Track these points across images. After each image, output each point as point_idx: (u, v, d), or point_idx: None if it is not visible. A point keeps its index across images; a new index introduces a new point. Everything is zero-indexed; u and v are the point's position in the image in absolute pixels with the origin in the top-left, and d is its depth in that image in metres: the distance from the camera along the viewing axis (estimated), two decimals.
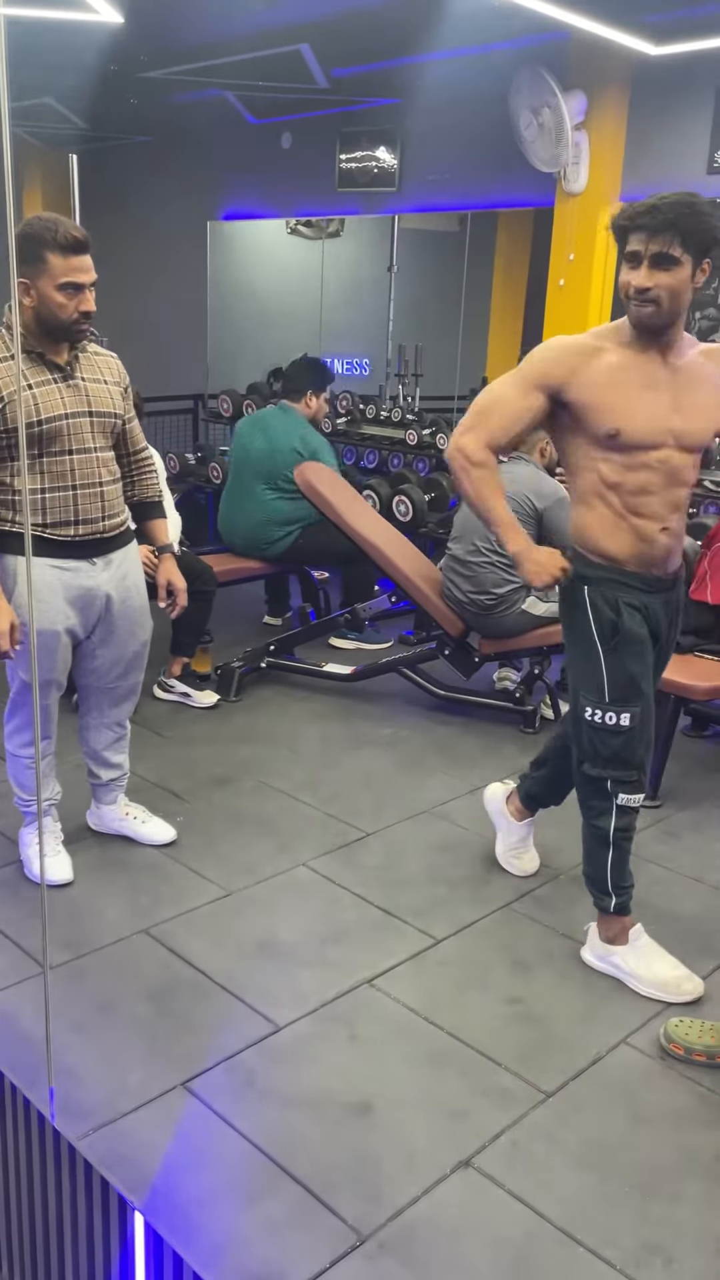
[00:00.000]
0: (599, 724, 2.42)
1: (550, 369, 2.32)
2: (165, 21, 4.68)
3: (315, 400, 4.80)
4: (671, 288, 2.19)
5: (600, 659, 2.40)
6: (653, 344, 2.30)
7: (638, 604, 2.40)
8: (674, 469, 2.34)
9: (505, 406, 2.36)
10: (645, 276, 2.19)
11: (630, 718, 2.40)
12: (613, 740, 2.42)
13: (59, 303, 2.48)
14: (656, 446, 2.31)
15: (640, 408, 2.29)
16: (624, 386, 2.29)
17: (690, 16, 4.36)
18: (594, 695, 2.42)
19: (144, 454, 2.88)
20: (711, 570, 3.73)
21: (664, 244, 2.16)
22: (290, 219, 7.32)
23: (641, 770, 2.46)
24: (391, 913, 2.79)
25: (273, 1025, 2.34)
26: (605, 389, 2.29)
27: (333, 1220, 1.85)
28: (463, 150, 5.88)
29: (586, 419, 2.31)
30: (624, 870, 2.51)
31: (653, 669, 2.49)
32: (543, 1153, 2.02)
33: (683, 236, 2.16)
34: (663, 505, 2.35)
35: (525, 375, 2.35)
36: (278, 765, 3.65)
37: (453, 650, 4.12)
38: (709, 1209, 1.91)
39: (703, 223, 2.17)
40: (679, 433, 2.31)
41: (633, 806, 2.47)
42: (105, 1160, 1.92)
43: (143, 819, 3.09)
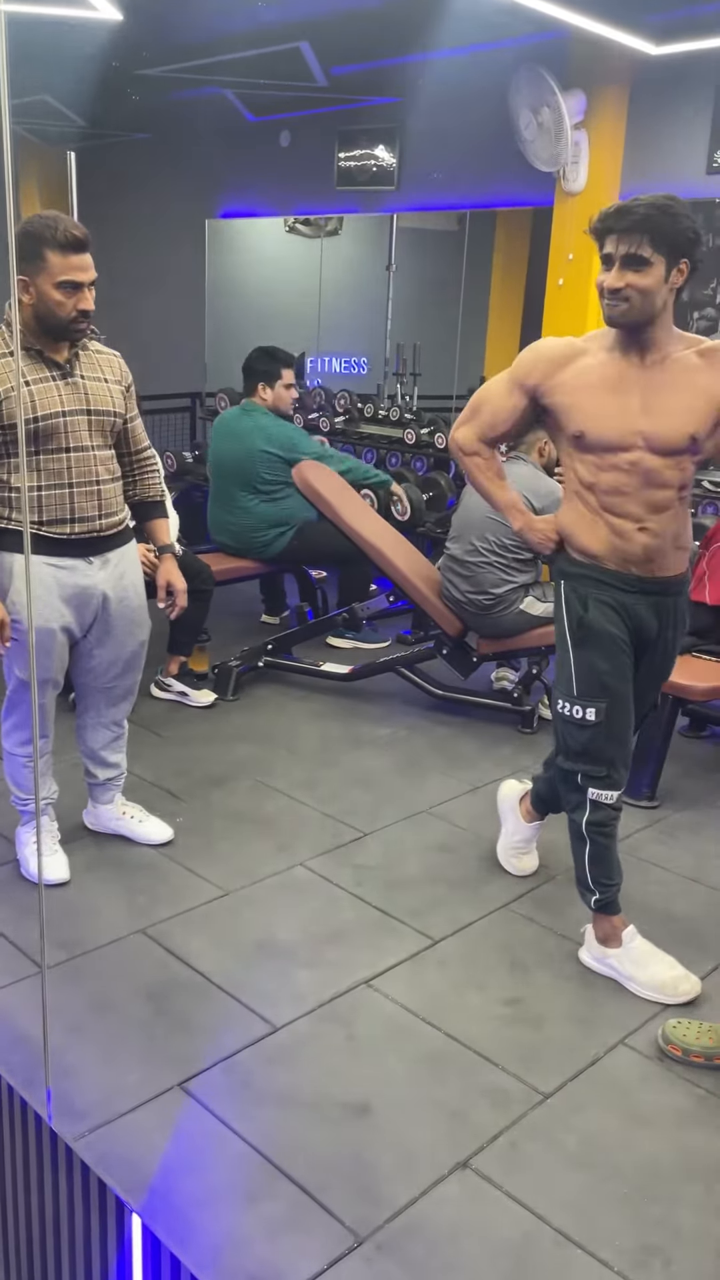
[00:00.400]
0: (568, 717, 2.47)
1: (529, 372, 2.42)
2: (164, 18, 4.67)
3: (268, 391, 4.68)
4: (643, 288, 2.21)
5: (570, 653, 2.45)
6: (631, 346, 2.32)
7: (611, 602, 2.41)
8: (648, 470, 2.33)
9: (492, 403, 2.50)
10: (615, 277, 2.22)
11: (596, 713, 2.42)
12: (580, 734, 2.45)
13: (57, 300, 2.48)
14: (625, 448, 2.32)
15: (605, 410, 2.31)
16: (592, 389, 2.33)
17: (690, 16, 4.35)
18: (564, 688, 2.48)
19: (146, 453, 2.87)
20: (710, 571, 3.72)
21: (634, 245, 2.19)
22: (289, 217, 7.30)
23: (613, 767, 2.47)
24: (389, 913, 2.79)
25: (270, 1026, 2.33)
26: (574, 391, 2.35)
27: (330, 1222, 1.84)
28: (462, 149, 5.87)
29: (559, 420, 2.39)
30: (605, 867, 2.51)
31: (642, 669, 2.50)
32: (541, 1154, 2.02)
33: (653, 237, 2.18)
34: (639, 506, 2.35)
35: (510, 376, 2.46)
36: (275, 765, 3.65)
37: (451, 650, 4.12)
38: (707, 1210, 1.91)
39: (675, 224, 2.19)
40: (648, 435, 2.31)
41: (605, 803, 2.48)
42: (102, 1161, 1.91)
43: (140, 818, 3.09)
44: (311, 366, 7.43)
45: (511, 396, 2.44)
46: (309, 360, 7.42)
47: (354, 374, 7.35)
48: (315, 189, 6.81)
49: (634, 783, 3.34)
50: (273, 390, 4.69)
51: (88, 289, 2.51)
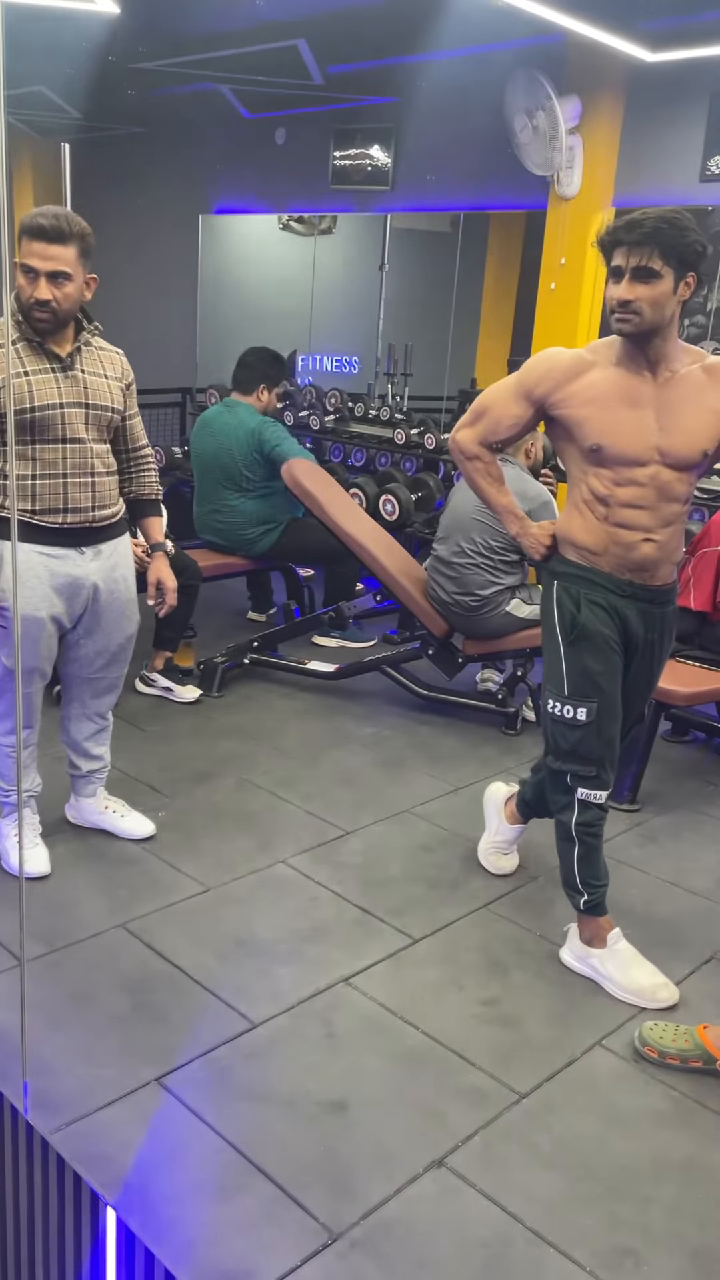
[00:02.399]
0: (558, 717, 2.48)
1: (538, 383, 2.41)
2: (161, 13, 4.66)
3: (267, 395, 4.65)
4: (653, 300, 2.23)
5: (561, 652, 2.46)
6: (641, 359, 2.33)
7: (604, 603, 2.43)
8: (664, 484, 2.36)
9: (496, 409, 2.49)
10: (626, 289, 2.23)
11: (587, 713, 2.44)
12: (571, 734, 2.46)
13: (18, 284, 2.52)
14: (643, 463, 2.34)
15: (622, 425, 2.33)
16: (607, 402, 2.34)
17: (686, 24, 4.38)
18: (555, 688, 2.48)
19: (143, 451, 2.89)
20: (695, 577, 3.74)
21: (644, 257, 2.21)
22: (283, 215, 7.30)
23: (602, 767, 2.49)
24: (370, 912, 2.80)
25: (249, 1022, 2.33)
26: (589, 404, 2.35)
27: (305, 1218, 1.85)
28: (457, 151, 5.88)
29: (572, 433, 2.39)
30: (593, 868, 2.52)
31: (629, 677, 2.51)
32: (516, 1153, 2.03)
33: (662, 250, 2.20)
34: (652, 518, 2.38)
35: (517, 383, 2.45)
36: (259, 762, 3.65)
37: (436, 650, 4.13)
38: (680, 1212, 1.92)
39: (683, 236, 2.21)
40: (664, 450, 2.34)
41: (594, 802, 2.50)
42: (78, 1155, 1.92)
43: (122, 813, 3.09)
44: (303, 364, 7.42)
45: (518, 404, 2.44)
46: (300, 358, 7.41)
47: (345, 373, 7.36)
48: (310, 187, 6.81)
49: (616, 786, 3.33)
50: (269, 396, 4.69)
51: (46, 279, 2.49)
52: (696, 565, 3.75)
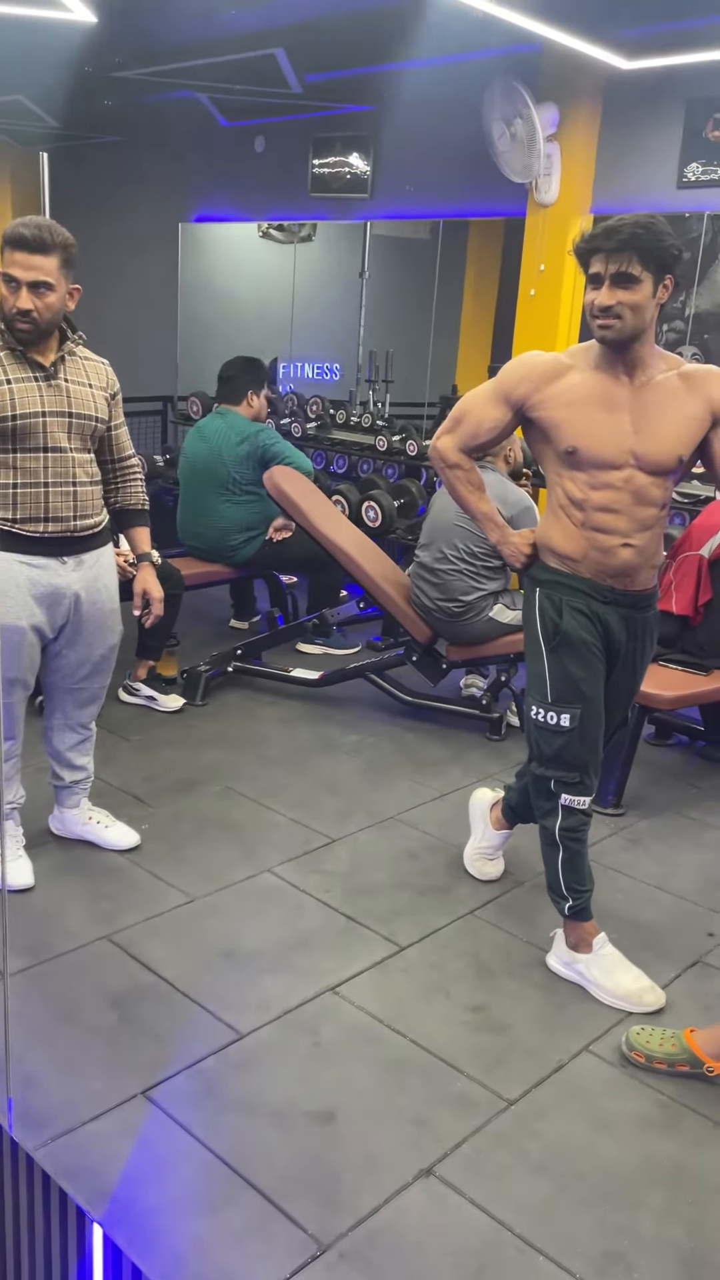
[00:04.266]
0: (542, 723, 2.48)
1: (516, 386, 2.42)
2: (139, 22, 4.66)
3: (257, 399, 4.70)
4: (633, 305, 2.24)
5: (544, 659, 2.46)
6: (619, 364, 2.34)
7: (585, 609, 2.44)
8: (638, 489, 2.37)
9: (475, 413, 2.50)
10: (607, 295, 2.25)
11: (570, 719, 2.44)
12: (554, 740, 2.47)
13: (2, 294, 2.51)
14: (618, 466, 2.35)
15: (598, 428, 2.34)
16: (583, 406, 2.35)
17: (661, 32, 4.41)
18: (539, 694, 2.49)
19: (129, 462, 2.89)
20: (676, 581, 3.76)
21: (623, 263, 2.22)
22: (262, 223, 7.31)
23: (585, 773, 2.49)
24: (356, 919, 2.79)
25: (235, 1033, 2.32)
26: (566, 408, 2.36)
27: (293, 1230, 1.84)
28: (436, 158, 5.90)
29: (549, 436, 2.40)
30: (578, 873, 2.53)
31: (612, 683, 2.52)
32: (504, 1161, 2.02)
33: (641, 255, 2.21)
34: (628, 522, 2.39)
35: (495, 387, 2.47)
36: (243, 770, 3.64)
37: (420, 656, 4.13)
38: (669, 1217, 1.92)
39: (660, 241, 2.23)
40: (640, 454, 2.35)
41: (578, 808, 2.50)
42: (64, 1170, 1.90)
43: (106, 824, 3.07)
44: (284, 372, 7.43)
45: (496, 407, 2.45)
46: (281, 365, 7.42)
47: (326, 380, 7.36)
48: (289, 195, 6.82)
49: (600, 790, 3.35)
50: (259, 400, 4.72)
51: (28, 289, 2.49)
52: (678, 569, 3.77)
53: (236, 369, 4.73)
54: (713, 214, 4.93)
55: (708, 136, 4.83)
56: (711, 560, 3.71)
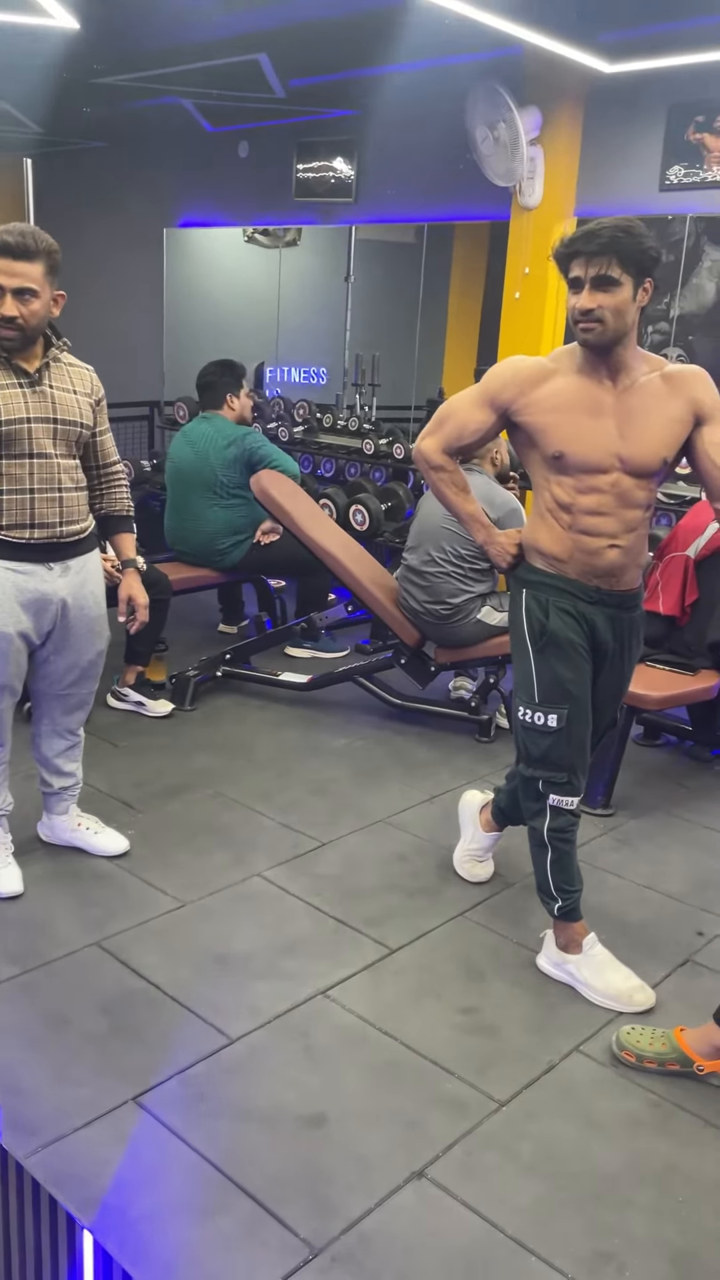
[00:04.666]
0: (529, 724, 2.49)
1: (501, 390, 2.43)
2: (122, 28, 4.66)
3: (238, 400, 4.70)
4: (614, 308, 2.25)
5: (531, 659, 2.47)
6: (601, 368, 2.35)
7: (571, 610, 2.44)
8: (624, 491, 2.38)
9: (460, 416, 2.50)
10: (588, 298, 2.26)
11: (558, 719, 2.45)
12: (542, 741, 2.47)
13: None
14: (604, 470, 2.37)
15: (584, 432, 2.35)
16: (569, 410, 2.36)
17: (643, 36, 4.44)
18: (526, 695, 2.49)
19: (114, 468, 2.88)
20: (663, 581, 3.77)
21: (602, 266, 2.23)
22: (247, 228, 7.31)
23: (573, 773, 2.50)
24: (346, 923, 2.79)
25: (226, 1038, 2.32)
26: (551, 412, 2.37)
27: (285, 1234, 1.84)
28: (420, 163, 5.92)
29: (535, 440, 2.41)
30: (567, 873, 2.53)
31: (600, 683, 2.53)
32: (496, 1162, 2.03)
33: (620, 258, 2.23)
34: (615, 525, 2.40)
35: (481, 391, 2.47)
36: (233, 775, 3.63)
37: (408, 659, 4.13)
38: (660, 1216, 1.93)
39: (639, 244, 2.24)
40: (625, 458, 2.36)
41: (565, 809, 2.50)
42: (54, 1177, 1.90)
43: (95, 830, 3.06)
44: (270, 376, 7.43)
45: (481, 410, 2.45)
46: (267, 370, 7.42)
47: (313, 384, 7.37)
48: (274, 200, 6.83)
49: (589, 791, 3.36)
50: (240, 401, 4.71)
51: (12, 296, 2.48)
52: (664, 570, 3.78)
53: (213, 374, 4.74)
54: (695, 216, 4.95)
55: (689, 139, 4.86)
56: (698, 560, 3.72)
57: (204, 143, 7.01)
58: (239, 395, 4.71)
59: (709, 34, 4.24)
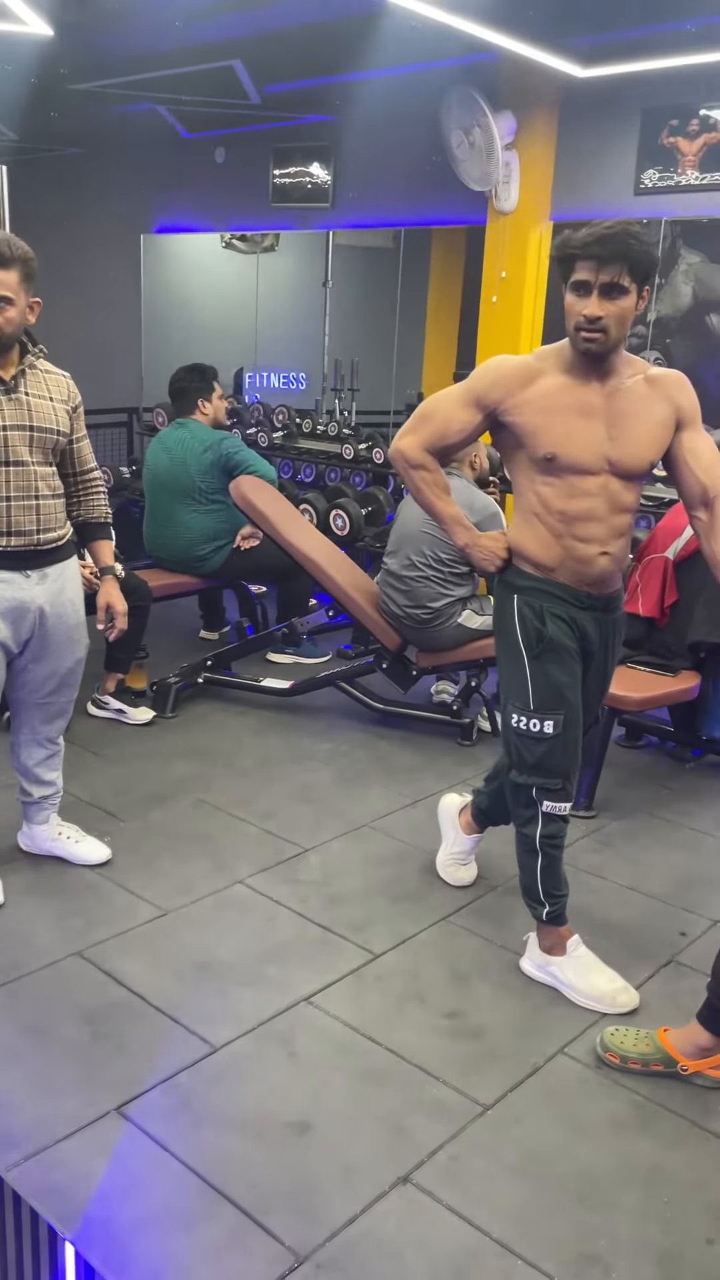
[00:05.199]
0: (524, 731, 2.45)
1: (489, 389, 2.37)
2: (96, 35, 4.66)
3: (209, 404, 4.69)
4: (619, 316, 2.23)
5: (526, 667, 2.44)
6: (592, 370, 2.33)
7: (565, 615, 2.43)
8: (613, 494, 2.38)
9: (441, 414, 2.45)
10: (597, 305, 2.21)
11: (554, 725, 2.43)
12: (537, 747, 2.45)
13: None
14: (594, 473, 2.34)
15: (575, 434, 2.32)
16: (560, 412, 2.32)
17: (616, 40, 4.46)
18: (520, 702, 2.46)
19: (91, 474, 2.87)
20: (643, 583, 3.79)
21: (614, 274, 2.19)
22: (225, 233, 7.31)
23: (567, 779, 2.49)
24: (330, 929, 2.78)
25: (210, 1046, 2.31)
26: (541, 413, 2.32)
27: (270, 1242, 1.83)
28: (396, 168, 5.93)
29: (524, 441, 2.36)
30: (555, 878, 2.53)
31: (585, 685, 2.52)
32: (481, 1166, 2.02)
33: (630, 265, 2.19)
34: (605, 530, 2.38)
35: (466, 390, 2.41)
36: (215, 782, 3.62)
37: (390, 664, 4.13)
38: (646, 1217, 1.93)
39: (648, 253, 2.23)
40: (614, 460, 2.35)
41: (559, 814, 2.49)
42: (37, 1190, 1.88)
43: (76, 839, 3.04)
44: (249, 382, 7.42)
45: (466, 410, 2.39)
46: (247, 375, 7.41)
47: (292, 389, 7.37)
48: (251, 205, 6.83)
49: None
50: (211, 405, 4.70)
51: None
52: (644, 572, 3.80)
53: (183, 380, 4.72)
54: (670, 220, 4.98)
55: (663, 143, 4.89)
56: (677, 562, 3.74)
57: (180, 149, 7.00)
58: (211, 399, 4.69)
59: (681, 38, 4.27)
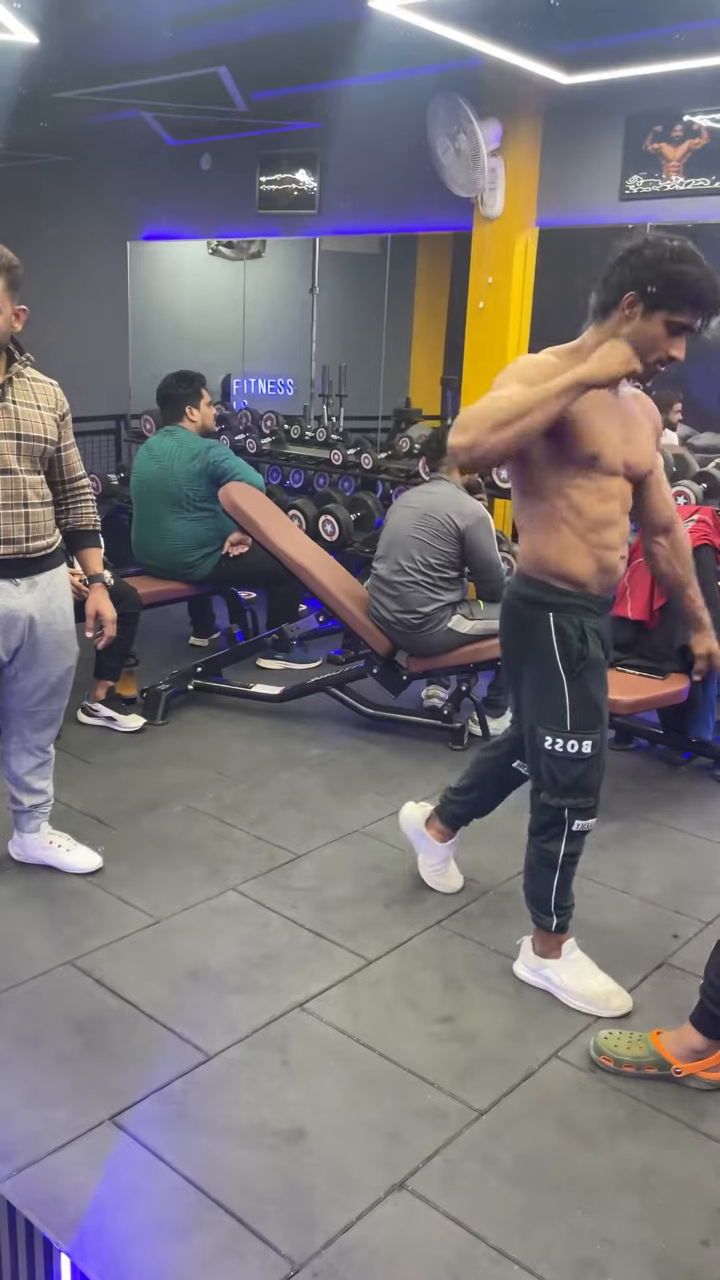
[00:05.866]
0: (559, 753, 2.38)
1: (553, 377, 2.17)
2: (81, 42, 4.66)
3: (197, 411, 4.69)
4: None
5: (564, 687, 2.36)
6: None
7: (598, 628, 2.40)
8: (626, 499, 2.40)
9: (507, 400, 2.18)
10: (681, 350, 2.23)
11: (592, 744, 2.38)
12: (574, 769, 2.39)
13: None
14: (617, 474, 2.35)
15: (610, 434, 2.31)
16: (596, 411, 2.28)
17: (600, 47, 4.48)
18: (555, 725, 2.37)
19: (79, 482, 2.87)
20: (632, 586, 3.80)
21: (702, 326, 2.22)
22: (211, 240, 7.32)
23: (597, 795, 2.46)
24: (322, 935, 2.78)
25: (203, 1054, 2.30)
26: (584, 411, 2.25)
27: (266, 1250, 1.82)
28: (382, 174, 5.95)
29: (568, 440, 2.26)
30: (568, 892, 2.52)
31: None
32: (476, 1171, 2.02)
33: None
34: (619, 536, 2.39)
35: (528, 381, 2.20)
36: (206, 788, 3.61)
37: (380, 669, 4.13)
38: (641, 1220, 1.93)
39: None
40: (629, 464, 2.36)
41: (585, 831, 2.47)
42: (31, 1201, 1.87)
43: (67, 847, 3.03)
44: (237, 388, 7.43)
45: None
46: (234, 382, 7.42)
47: (280, 395, 7.38)
48: (237, 212, 6.84)
49: None
50: (199, 412, 4.70)
51: None
52: (632, 575, 3.81)
53: (171, 387, 4.72)
54: (655, 225, 5.00)
55: (648, 149, 4.91)
56: None
57: (166, 156, 7.01)
58: (199, 406, 4.70)
59: (665, 45, 4.30)
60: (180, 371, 4.77)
